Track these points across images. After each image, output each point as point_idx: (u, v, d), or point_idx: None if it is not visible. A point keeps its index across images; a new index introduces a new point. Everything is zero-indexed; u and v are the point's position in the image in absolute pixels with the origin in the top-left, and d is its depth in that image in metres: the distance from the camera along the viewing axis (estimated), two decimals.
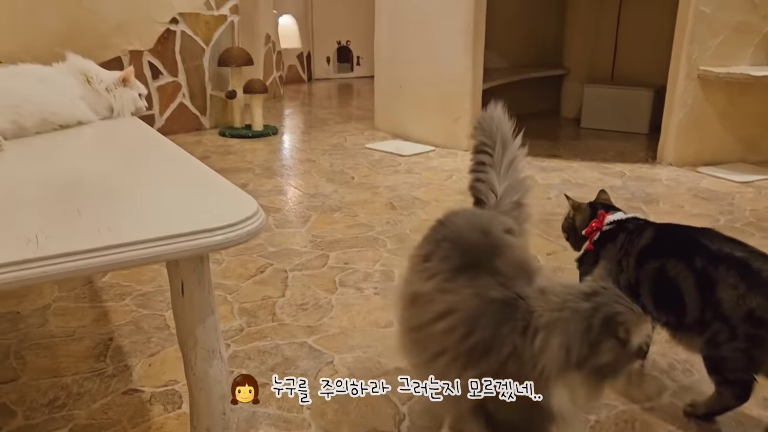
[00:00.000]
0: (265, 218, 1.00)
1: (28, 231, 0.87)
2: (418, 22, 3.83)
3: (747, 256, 1.20)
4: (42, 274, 0.81)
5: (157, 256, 0.89)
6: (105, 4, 3.69)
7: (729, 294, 1.17)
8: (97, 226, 0.90)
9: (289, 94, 6.38)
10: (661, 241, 1.34)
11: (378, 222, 2.51)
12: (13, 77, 1.61)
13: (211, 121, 4.37)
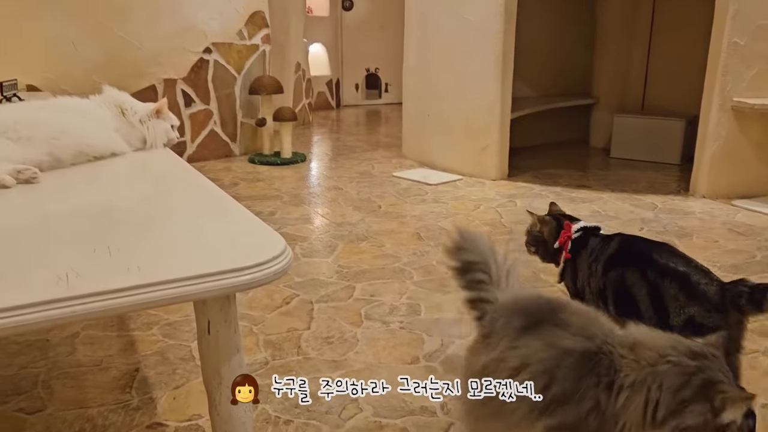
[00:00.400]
0: (292, 256, 1.00)
1: (59, 268, 0.88)
2: (447, 52, 3.85)
3: (688, 271, 1.33)
4: (71, 314, 0.81)
5: (184, 296, 0.89)
6: (141, 35, 3.79)
7: (673, 304, 1.31)
8: (127, 264, 0.91)
9: (318, 120, 6.44)
10: (623, 250, 1.46)
11: (404, 253, 2.49)
12: (52, 110, 1.64)
13: (241, 148, 4.43)
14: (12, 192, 1.32)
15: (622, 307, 1.40)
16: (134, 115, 1.80)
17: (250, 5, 4.28)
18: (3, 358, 1.62)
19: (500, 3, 3.50)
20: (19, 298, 0.79)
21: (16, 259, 0.94)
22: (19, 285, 0.84)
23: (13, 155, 1.43)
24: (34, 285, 0.83)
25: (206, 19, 4.05)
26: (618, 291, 1.42)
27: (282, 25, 5.18)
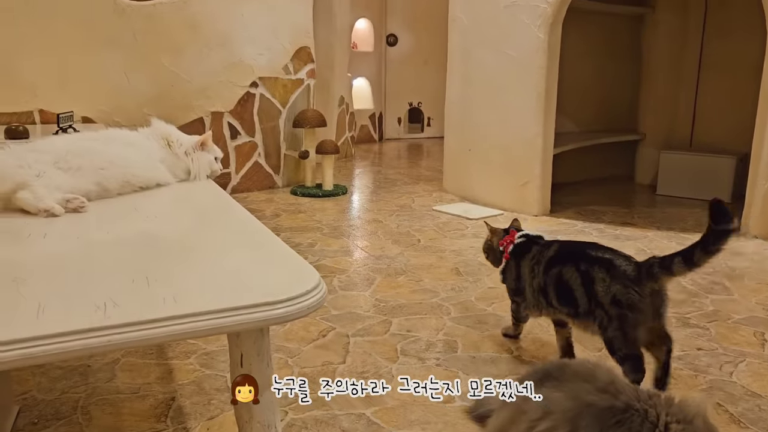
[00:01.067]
0: (326, 291, 1.00)
1: (98, 298, 0.90)
2: (490, 87, 3.85)
3: (612, 257, 1.61)
4: (107, 343, 0.83)
5: (218, 328, 0.90)
6: (191, 69, 3.93)
7: (600, 286, 1.58)
8: (163, 295, 0.92)
9: (360, 153, 6.51)
10: (561, 252, 1.74)
11: (443, 288, 2.47)
12: (101, 141, 1.70)
13: (283, 179, 4.50)
14: (60, 220, 1.37)
15: (561, 298, 1.69)
16: (180, 147, 1.85)
17: (296, 41, 4.40)
18: (46, 382, 1.65)
19: (543, 39, 3.50)
20: (61, 325, 0.81)
21: (61, 287, 0.97)
22: (62, 313, 0.86)
23: (64, 184, 1.48)
24: (75, 313, 0.85)
25: (254, 55, 4.17)
26: (557, 285, 1.69)
27: (327, 60, 5.29)
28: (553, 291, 1.70)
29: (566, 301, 1.67)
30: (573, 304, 1.65)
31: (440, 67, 7.72)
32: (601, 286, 1.57)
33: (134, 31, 3.70)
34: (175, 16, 3.82)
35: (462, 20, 4.08)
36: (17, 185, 1.42)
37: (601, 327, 1.59)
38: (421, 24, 7.57)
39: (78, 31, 3.56)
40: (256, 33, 4.16)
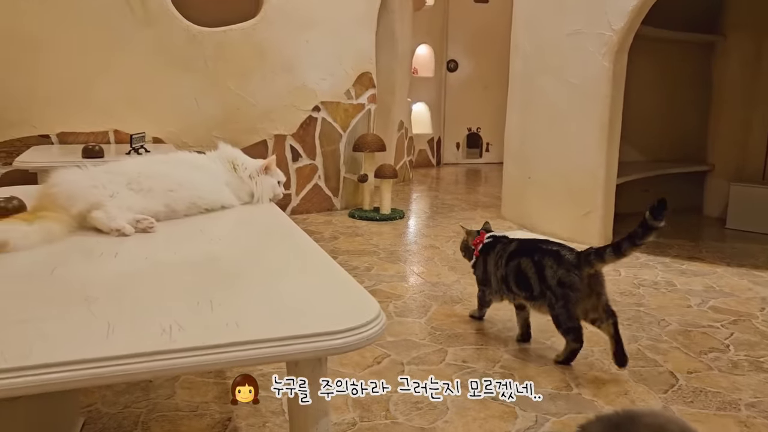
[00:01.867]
0: (386, 322, 0.99)
1: (165, 320, 0.92)
2: (551, 115, 3.80)
3: (559, 249, 2.00)
4: (171, 366, 0.84)
5: (279, 356, 0.91)
6: (257, 93, 4.04)
7: (549, 272, 1.96)
8: (227, 320, 0.94)
9: (418, 177, 6.52)
10: (520, 247, 2.11)
11: (499, 319, 2.42)
12: (171, 164, 1.76)
13: (342, 202, 4.55)
14: (130, 240, 1.42)
15: (520, 284, 2.07)
16: (244, 171, 1.89)
17: (359, 66, 4.47)
18: (111, 396, 1.71)
19: (608, 67, 3.43)
20: (129, 347, 0.84)
21: (129, 308, 1.00)
22: (130, 334, 0.88)
23: (135, 205, 1.54)
24: (142, 335, 0.88)
25: (317, 79, 4.25)
26: (516, 274, 2.07)
27: (388, 85, 5.35)
28: (513, 279, 2.09)
29: (524, 287, 2.06)
30: (529, 289, 2.04)
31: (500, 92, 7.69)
32: (549, 272, 1.96)
33: (205, 56, 3.85)
34: (243, 42, 3.95)
35: (524, 47, 4.06)
36: (91, 205, 1.48)
37: (549, 306, 1.98)
38: (482, 50, 7.58)
39: (154, 57, 3.72)
40: (320, 58, 4.25)
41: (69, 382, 0.80)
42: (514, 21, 4.27)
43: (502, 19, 7.54)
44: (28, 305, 0.99)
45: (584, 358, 2.06)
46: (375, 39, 4.64)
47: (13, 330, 0.88)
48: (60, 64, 3.53)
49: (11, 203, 1.55)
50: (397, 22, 5.33)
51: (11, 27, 3.40)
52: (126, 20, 3.62)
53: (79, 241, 1.38)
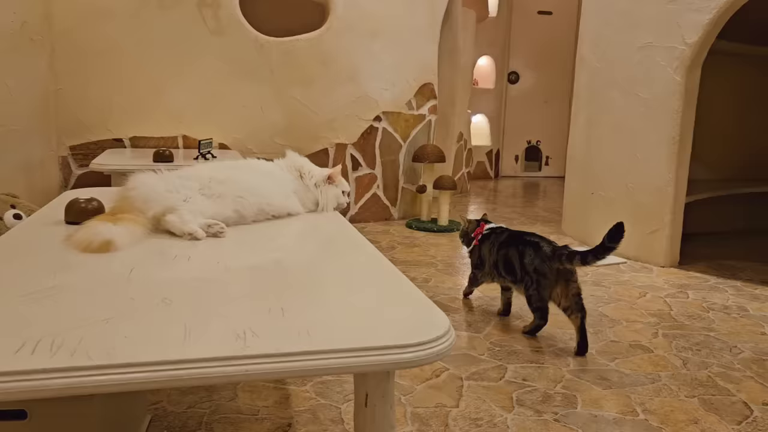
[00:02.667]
0: (455, 338, 0.98)
1: (238, 326, 0.94)
2: (618, 130, 3.71)
3: (539, 241, 2.32)
4: (245, 372, 0.86)
5: (348, 368, 0.91)
6: (320, 102, 4.10)
7: (528, 260, 2.30)
8: (298, 329, 0.94)
9: (476, 189, 6.47)
10: (508, 238, 2.44)
11: (561, 337, 2.37)
12: (241, 170, 1.80)
13: (399, 212, 4.55)
14: (202, 244, 1.45)
15: (506, 269, 2.41)
16: (311, 179, 1.92)
17: (421, 77, 4.48)
18: (176, 395, 1.75)
19: (680, 82, 3.33)
20: (205, 351, 0.86)
21: (204, 311, 1.02)
22: (205, 338, 0.90)
23: (206, 210, 1.58)
24: (216, 340, 0.89)
25: (379, 89, 4.28)
26: (505, 260, 2.41)
27: (449, 96, 5.34)
28: (501, 265, 2.44)
29: (509, 272, 2.41)
30: (513, 273, 2.39)
31: (561, 105, 7.62)
32: (528, 259, 2.30)
33: (271, 65, 3.93)
34: (308, 51, 4.02)
35: (590, 60, 3.98)
36: (166, 209, 1.53)
37: (525, 287, 2.33)
38: (544, 62, 7.48)
39: (223, 66, 3.83)
40: (382, 69, 4.28)
41: (149, 382, 0.83)
42: (581, 33, 4.19)
43: (566, 31, 7.44)
44: (110, 305, 1.02)
45: (652, 382, 1.99)
46: (437, 50, 4.64)
47: (97, 329, 0.91)
48: (136, 72, 3.68)
49: (91, 204, 1.62)
50: (459, 34, 5.32)
51: (92, 37, 3.57)
52: (198, 30, 3.74)
53: (153, 244, 1.42)
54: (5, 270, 1.21)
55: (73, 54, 3.55)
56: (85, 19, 3.55)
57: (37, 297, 1.04)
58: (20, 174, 3.38)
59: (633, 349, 2.27)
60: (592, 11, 4.00)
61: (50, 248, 1.38)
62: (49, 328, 0.90)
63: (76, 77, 3.58)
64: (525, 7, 7.36)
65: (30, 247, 1.41)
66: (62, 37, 3.52)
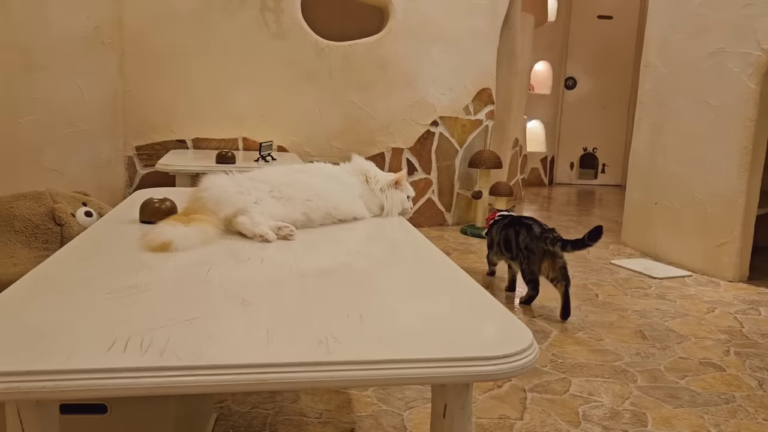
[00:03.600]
0: (538, 352, 0.95)
1: (320, 331, 0.93)
2: (685, 138, 3.58)
3: (531, 223, 2.72)
4: (328, 379, 0.85)
5: (430, 378, 0.89)
6: (377, 106, 4.11)
7: (521, 239, 2.72)
8: (379, 335, 0.93)
9: (529, 196, 6.37)
10: (509, 222, 2.85)
11: (626, 351, 2.29)
12: (310, 174, 1.81)
13: (453, 217, 4.52)
14: (272, 246, 1.46)
15: (506, 247, 2.82)
16: (376, 184, 1.91)
17: (479, 82, 4.43)
18: (240, 395, 1.77)
19: (754, 89, 3.19)
20: (289, 355, 0.85)
21: (283, 314, 1.02)
22: (288, 342, 0.90)
23: (276, 213, 1.59)
24: (299, 344, 0.89)
25: (437, 94, 4.26)
26: (505, 240, 2.83)
27: (505, 102, 5.27)
28: (503, 244, 2.85)
29: (508, 249, 2.83)
30: (510, 251, 2.80)
31: (620, 112, 7.43)
32: (521, 238, 2.71)
33: (330, 69, 3.96)
34: (367, 55, 4.04)
35: (657, 66, 3.86)
36: (238, 210, 1.54)
37: (519, 263, 2.75)
38: (603, 68, 7.31)
39: (284, 69, 3.88)
40: (440, 73, 4.26)
41: (236, 385, 0.83)
42: (647, 39, 4.07)
43: (626, 35, 7.26)
44: (192, 305, 1.04)
45: (726, 402, 1.90)
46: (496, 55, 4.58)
47: (182, 329, 0.92)
48: (200, 75, 3.76)
49: (164, 204, 1.65)
50: (518, 39, 5.25)
51: (159, 41, 3.67)
52: (261, 34, 3.80)
53: (225, 245, 1.44)
54: (88, 268, 1.24)
55: (141, 57, 3.66)
56: (154, 23, 3.65)
57: (121, 295, 1.06)
58: (89, 172, 3.51)
59: (704, 366, 2.18)
60: (660, 16, 3.88)
61: (128, 247, 1.41)
62: (137, 326, 0.91)
63: (144, 79, 3.69)
64: (584, 12, 7.22)
65: (109, 246, 1.44)
66: (132, 41, 3.63)
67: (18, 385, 0.76)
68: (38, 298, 1.05)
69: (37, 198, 2.61)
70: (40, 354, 0.81)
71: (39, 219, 2.53)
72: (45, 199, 2.61)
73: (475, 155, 4.38)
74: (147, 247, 1.33)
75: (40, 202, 2.59)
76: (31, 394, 0.77)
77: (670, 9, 3.76)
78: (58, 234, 2.53)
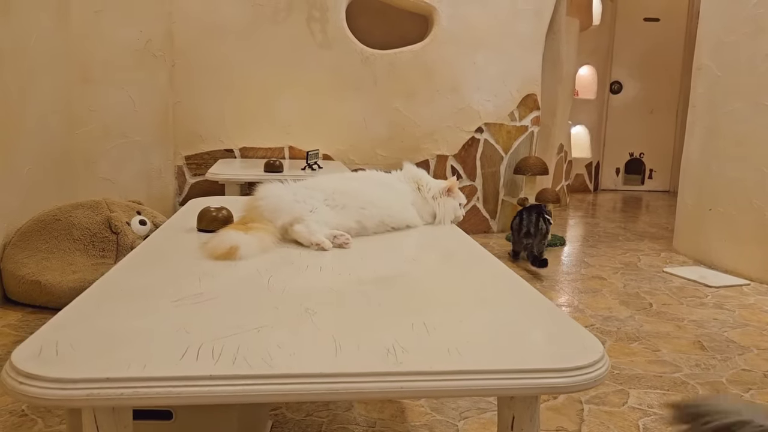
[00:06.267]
0: (610, 365, 0.93)
1: (386, 341, 0.93)
2: (742, 142, 3.47)
3: (529, 212, 3.59)
4: (398, 389, 0.84)
5: (502, 389, 0.88)
6: (422, 113, 4.10)
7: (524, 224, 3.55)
8: (447, 346, 0.92)
9: (574, 203, 6.26)
10: (526, 210, 3.63)
11: (685, 362, 2.22)
12: (363, 182, 1.81)
13: (498, 225, 4.47)
14: (328, 255, 1.46)
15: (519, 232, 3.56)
16: (428, 192, 1.90)
17: (524, 88, 4.39)
18: (294, 403, 1.77)
19: None
20: (359, 365, 0.85)
21: (349, 324, 1.02)
22: (356, 351, 0.89)
23: (331, 221, 1.60)
24: (367, 354, 0.88)
25: (481, 101, 4.23)
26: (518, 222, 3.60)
27: (550, 107, 5.20)
28: (518, 224, 3.58)
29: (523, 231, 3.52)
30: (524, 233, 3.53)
31: (668, 116, 7.25)
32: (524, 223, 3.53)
33: (375, 77, 3.97)
34: (412, 63, 4.04)
35: (710, 68, 3.75)
36: (294, 219, 1.55)
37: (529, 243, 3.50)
38: (650, 71, 7.15)
39: (329, 78, 3.91)
40: (485, 80, 4.23)
41: (307, 394, 0.83)
42: (699, 40, 3.96)
43: (674, 38, 7.09)
44: (257, 313, 1.04)
45: None
46: (541, 60, 4.53)
47: (251, 337, 0.92)
48: (247, 85, 3.82)
49: (221, 213, 1.67)
50: (563, 44, 5.17)
51: (208, 53, 3.75)
52: (307, 44, 3.84)
53: (283, 253, 1.45)
54: (153, 276, 1.27)
55: (190, 69, 3.74)
56: (203, 36, 3.73)
57: (188, 303, 1.07)
58: (141, 182, 3.59)
59: None
60: (713, 17, 3.78)
61: (189, 255, 1.43)
62: (207, 334, 0.92)
63: (193, 91, 3.77)
64: (630, 14, 7.08)
65: (170, 254, 1.47)
66: (181, 53, 3.71)
67: (98, 392, 0.78)
68: (109, 306, 1.07)
69: (93, 207, 2.68)
70: (117, 361, 0.83)
71: (96, 227, 2.61)
72: (101, 208, 2.68)
73: (521, 162, 4.33)
74: (211, 255, 1.35)
75: (96, 211, 2.67)
76: (110, 401, 0.79)
77: (723, 10, 3.65)
78: (114, 242, 2.60)
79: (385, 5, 4.17)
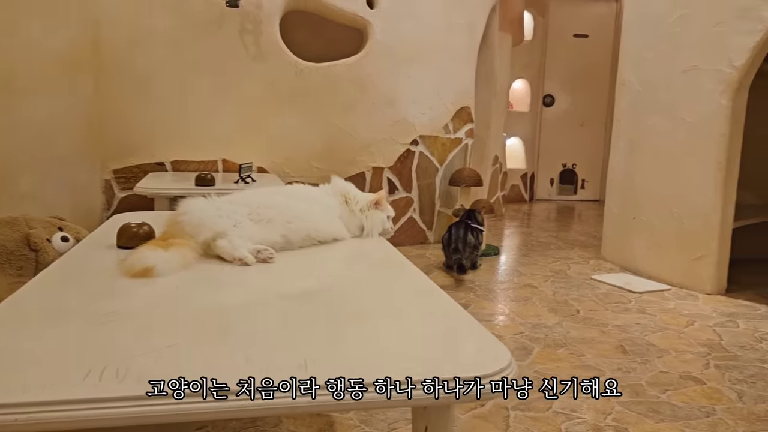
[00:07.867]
0: (517, 370, 0.96)
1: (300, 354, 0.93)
2: (661, 155, 3.64)
3: (467, 224, 3.74)
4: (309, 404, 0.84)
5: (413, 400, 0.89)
6: (358, 126, 4.13)
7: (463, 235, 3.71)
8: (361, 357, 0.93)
9: (510, 213, 6.41)
10: (455, 225, 3.75)
11: (608, 366, 2.30)
12: (289, 196, 1.81)
13: (435, 235, 4.53)
14: (251, 270, 1.45)
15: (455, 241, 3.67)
16: (356, 205, 1.91)
17: (458, 101, 4.48)
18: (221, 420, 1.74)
19: (726, 105, 3.26)
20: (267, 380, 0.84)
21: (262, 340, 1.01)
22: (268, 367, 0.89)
23: (255, 235, 1.58)
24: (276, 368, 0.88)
25: (417, 114, 4.30)
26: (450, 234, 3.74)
27: (484, 119, 5.32)
28: (454, 237, 3.70)
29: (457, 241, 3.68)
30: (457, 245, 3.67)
31: (597, 129, 7.54)
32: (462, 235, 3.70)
33: (310, 90, 3.98)
34: (347, 76, 4.06)
35: (632, 83, 3.93)
36: (217, 234, 1.53)
37: (463, 252, 3.64)
38: (580, 85, 7.42)
39: (263, 90, 3.89)
40: (420, 93, 4.29)
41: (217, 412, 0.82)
42: (622, 57, 4.15)
43: (602, 54, 7.38)
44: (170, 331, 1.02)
45: (706, 416, 1.92)
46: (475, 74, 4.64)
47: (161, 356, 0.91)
48: (178, 97, 3.75)
49: (142, 229, 1.64)
50: (496, 58, 5.31)
51: (137, 63, 3.66)
52: (240, 56, 3.81)
53: (204, 269, 1.43)
54: (64, 294, 1.23)
55: (119, 79, 3.64)
56: (130, 45, 3.64)
57: (99, 322, 1.05)
58: (66, 196, 3.46)
59: (684, 380, 2.20)
60: (634, 34, 3.96)
61: (105, 273, 1.39)
62: (115, 355, 0.90)
63: (121, 102, 3.67)
64: (560, 31, 7.34)
65: (86, 272, 1.43)
66: (109, 63, 3.61)
67: None
68: (11, 328, 1.03)
69: (11, 224, 2.56)
70: (13, 385, 0.80)
71: (13, 245, 2.49)
72: (19, 225, 2.57)
73: (456, 173, 4.41)
74: (128, 273, 1.32)
75: (14, 227, 2.55)
76: (5, 428, 0.76)
77: (644, 27, 3.84)
78: (33, 260, 2.49)
79: (323, 19, 4.18)
